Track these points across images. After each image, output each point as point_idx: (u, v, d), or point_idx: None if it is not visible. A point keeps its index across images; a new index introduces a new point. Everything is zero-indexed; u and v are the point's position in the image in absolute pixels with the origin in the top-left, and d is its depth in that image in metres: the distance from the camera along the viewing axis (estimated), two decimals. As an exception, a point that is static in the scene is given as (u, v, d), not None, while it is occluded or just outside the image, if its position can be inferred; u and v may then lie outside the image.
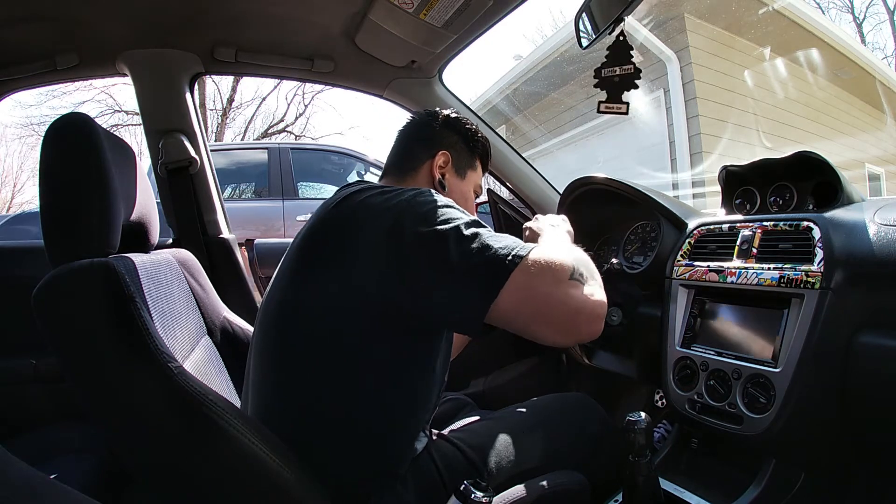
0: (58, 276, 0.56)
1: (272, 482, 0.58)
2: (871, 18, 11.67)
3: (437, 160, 0.85)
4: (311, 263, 0.67)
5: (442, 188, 0.85)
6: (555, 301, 0.60)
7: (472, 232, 0.61)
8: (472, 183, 0.91)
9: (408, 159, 0.87)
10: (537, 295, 0.59)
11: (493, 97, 7.40)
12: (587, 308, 0.61)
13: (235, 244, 1.41)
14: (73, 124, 0.63)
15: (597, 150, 6.06)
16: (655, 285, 1.00)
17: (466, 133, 0.91)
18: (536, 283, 0.59)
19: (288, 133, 11.76)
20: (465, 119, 0.92)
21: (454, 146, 0.88)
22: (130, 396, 0.56)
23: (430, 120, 0.90)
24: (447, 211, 0.63)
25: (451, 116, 0.91)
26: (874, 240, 0.73)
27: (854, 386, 0.71)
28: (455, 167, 0.88)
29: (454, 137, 0.89)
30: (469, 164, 0.91)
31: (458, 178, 0.89)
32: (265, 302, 0.75)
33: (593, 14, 0.95)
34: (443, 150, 0.86)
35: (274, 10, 1.12)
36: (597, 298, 0.62)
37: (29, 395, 1.22)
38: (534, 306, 0.60)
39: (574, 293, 0.60)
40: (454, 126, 0.90)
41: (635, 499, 0.71)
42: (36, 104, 10.30)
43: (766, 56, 5.30)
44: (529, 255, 0.60)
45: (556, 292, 0.60)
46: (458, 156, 0.88)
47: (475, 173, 0.92)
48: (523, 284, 0.58)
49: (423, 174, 0.85)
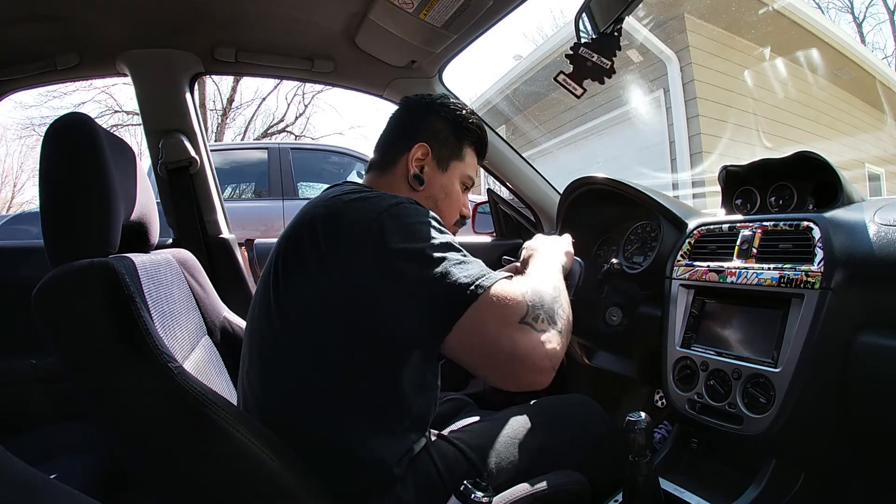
0: (58, 276, 0.56)
1: (272, 482, 0.58)
2: (871, 18, 11.71)
3: (414, 153, 0.80)
4: (287, 266, 0.66)
5: (419, 183, 0.80)
6: (500, 345, 0.56)
7: (439, 256, 0.59)
8: (457, 175, 0.84)
9: (388, 152, 0.82)
10: (485, 335, 0.56)
11: (493, 97, 7.40)
12: (533, 357, 0.56)
13: (235, 244, 1.41)
14: (73, 124, 0.63)
15: (597, 150, 6.06)
16: (655, 285, 1.00)
17: (455, 118, 0.83)
18: (486, 324, 0.56)
19: (288, 133, 11.78)
20: (453, 103, 0.84)
21: (438, 135, 0.82)
22: (130, 396, 0.56)
23: (412, 107, 0.85)
24: (419, 229, 0.61)
25: (437, 101, 0.84)
26: (874, 240, 0.73)
27: (854, 386, 0.71)
28: (436, 158, 0.81)
29: (439, 125, 0.82)
30: (454, 154, 0.83)
31: (439, 170, 0.82)
32: (252, 303, 0.75)
33: (593, 14, 0.95)
34: (420, 142, 0.80)
35: (274, 10, 1.12)
36: (549, 347, 0.57)
37: (29, 395, 1.22)
38: (481, 347, 0.56)
39: (522, 339, 0.56)
40: (439, 111, 0.83)
41: (635, 499, 0.71)
42: (36, 104, 10.34)
43: (766, 56, 5.30)
44: (489, 290, 0.57)
45: (503, 336, 0.56)
46: (439, 146, 0.82)
47: (462, 163, 0.84)
48: (475, 323, 0.56)
49: (401, 168, 0.80)
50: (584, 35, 1.00)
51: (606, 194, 1.17)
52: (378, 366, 0.66)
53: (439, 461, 0.74)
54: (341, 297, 0.62)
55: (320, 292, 0.63)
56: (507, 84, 7.09)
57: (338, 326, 0.63)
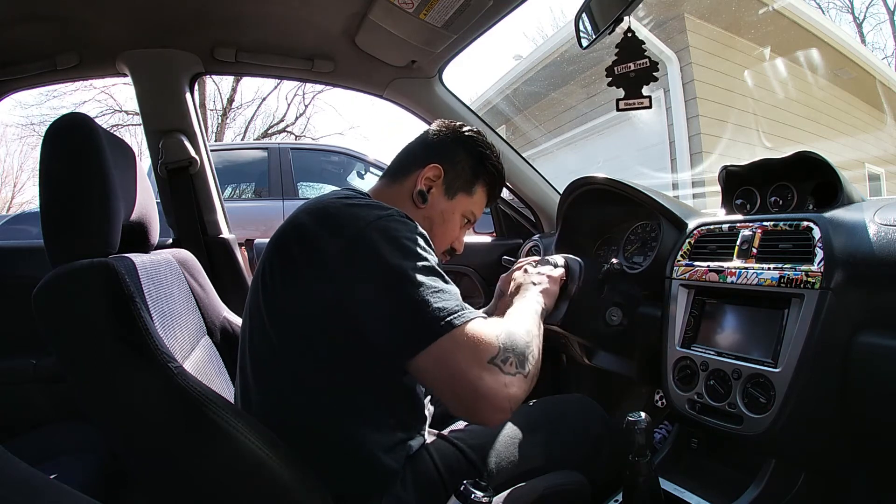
0: (58, 276, 0.56)
1: (272, 482, 0.58)
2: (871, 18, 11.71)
3: (427, 171, 0.81)
4: (275, 267, 0.67)
5: (422, 200, 0.81)
6: (466, 381, 0.57)
7: (419, 279, 0.59)
8: (461, 207, 0.85)
9: (403, 165, 0.84)
10: (452, 368, 0.57)
11: (493, 97, 7.40)
12: (494, 399, 0.57)
13: (235, 244, 1.41)
14: (73, 124, 0.63)
15: (597, 150, 6.06)
16: (655, 285, 1.00)
17: (478, 155, 0.85)
18: (456, 357, 0.57)
19: (288, 133, 11.78)
20: (483, 142, 0.86)
21: (457, 164, 0.83)
22: (130, 396, 0.56)
23: (444, 130, 0.86)
24: (405, 245, 0.62)
25: (467, 133, 0.85)
26: (874, 240, 0.73)
27: (854, 386, 0.71)
28: (446, 184, 0.82)
29: (462, 155, 0.84)
30: (465, 188, 0.84)
31: (445, 196, 0.83)
32: (246, 303, 0.75)
33: (593, 14, 0.95)
34: (435, 164, 0.81)
35: (274, 10, 1.12)
36: (510, 392, 0.58)
37: (29, 395, 1.22)
38: (446, 378, 0.58)
39: (487, 379, 0.57)
40: (466, 144, 0.84)
41: (635, 499, 0.71)
42: (36, 104, 10.34)
43: (766, 56, 5.30)
44: (462, 327, 0.58)
45: (470, 373, 0.57)
46: (454, 174, 0.83)
47: (469, 199, 0.85)
48: (443, 354, 0.57)
49: (410, 182, 0.81)
50: (584, 35, 1.00)
51: (606, 194, 1.17)
52: (362, 367, 0.66)
53: (439, 461, 0.74)
54: (325, 301, 0.62)
55: (306, 295, 0.63)
56: (507, 84, 7.09)
57: (323, 328, 0.64)
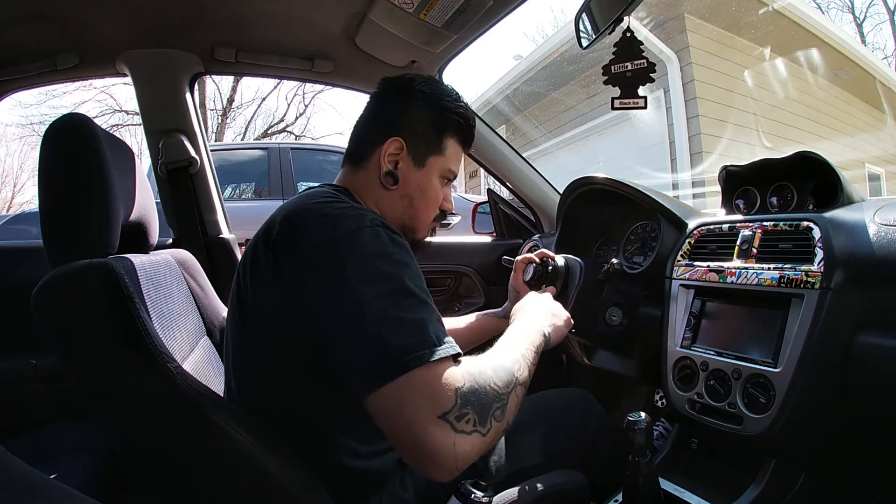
0: (57, 277, 0.56)
1: (271, 482, 0.58)
2: (871, 18, 11.73)
3: (387, 147, 0.71)
4: (247, 271, 0.64)
5: (392, 181, 0.72)
6: (410, 433, 0.50)
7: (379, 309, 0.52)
8: (436, 170, 0.75)
9: (361, 144, 0.75)
10: (400, 416, 0.50)
11: (493, 97, 7.40)
12: (437, 457, 0.49)
13: (235, 244, 1.41)
14: (73, 125, 0.63)
15: (597, 150, 6.06)
16: (655, 285, 1.00)
17: (436, 106, 0.73)
18: (405, 406, 0.50)
19: (288, 133, 11.80)
20: (434, 87, 0.75)
21: (415, 127, 0.73)
22: (130, 397, 0.56)
23: (390, 92, 0.75)
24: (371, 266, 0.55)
25: (416, 86, 0.74)
26: (874, 240, 0.73)
27: (854, 386, 0.71)
28: (412, 154, 0.73)
29: (418, 114, 0.73)
30: (432, 149, 0.74)
31: (414, 167, 0.73)
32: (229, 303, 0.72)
33: (593, 14, 0.95)
34: (394, 136, 0.71)
35: (274, 10, 1.12)
36: (460, 450, 0.50)
37: (29, 395, 1.22)
38: (391, 424, 0.51)
39: (434, 435, 0.49)
40: (416, 99, 0.73)
41: (635, 499, 0.71)
42: (36, 104, 10.37)
43: (766, 56, 5.31)
44: (418, 371, 0.50)
45: (416, 425, 0.49)
46: (416, 140, 0.73)
47: (441, 158, 0.75)
48: (393, 399, 0.50)
49: (374, 163, 0.73)
50: (584, 35, 0.99)
51: (606, 194, 1.17)
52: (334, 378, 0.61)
53: (439, 461, 0.73)
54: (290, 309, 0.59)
55: (273, 300, 0.61)
56: (507, 84, 7.09)
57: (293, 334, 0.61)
